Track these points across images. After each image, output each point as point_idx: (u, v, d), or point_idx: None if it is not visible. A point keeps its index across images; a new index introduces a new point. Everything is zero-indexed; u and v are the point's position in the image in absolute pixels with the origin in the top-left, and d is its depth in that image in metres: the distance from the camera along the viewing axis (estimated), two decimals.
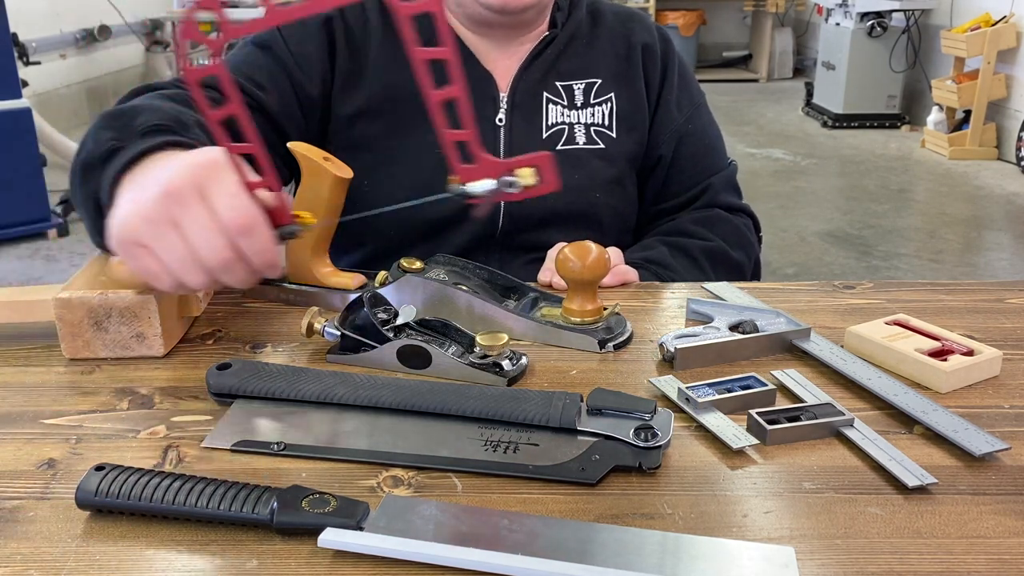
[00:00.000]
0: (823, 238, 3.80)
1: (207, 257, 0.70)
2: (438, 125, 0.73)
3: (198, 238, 0.69)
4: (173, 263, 0.70)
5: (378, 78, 1.08)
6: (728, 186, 1.19)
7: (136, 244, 0.71)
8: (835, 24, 6.11)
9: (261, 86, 1.05)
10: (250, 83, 1.04)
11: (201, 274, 0.71)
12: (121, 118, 0.85)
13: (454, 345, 0.78)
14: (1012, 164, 4.93)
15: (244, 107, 0.71)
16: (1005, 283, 0.97)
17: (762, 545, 0.54)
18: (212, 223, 0.69)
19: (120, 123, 0.84)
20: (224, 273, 0.71)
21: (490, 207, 1.08)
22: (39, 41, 5.30)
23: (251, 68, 1.06)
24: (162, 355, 0.79)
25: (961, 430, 0.66)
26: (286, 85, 1.07)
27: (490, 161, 0.73)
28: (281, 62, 1.07)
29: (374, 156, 1.07)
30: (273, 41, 1.08)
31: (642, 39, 1.16)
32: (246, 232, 0.70)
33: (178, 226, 0.69)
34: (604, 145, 1.12)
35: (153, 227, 0.70)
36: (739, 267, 1.13)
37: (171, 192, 0.69)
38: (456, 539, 0.54)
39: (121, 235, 0.71)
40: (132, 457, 0.64)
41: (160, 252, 0.70)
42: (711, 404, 0.69)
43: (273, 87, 1.06)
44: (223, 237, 0.69)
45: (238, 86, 1.04)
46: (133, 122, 0.83)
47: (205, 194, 0.69)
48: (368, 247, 1.11)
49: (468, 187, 0.73)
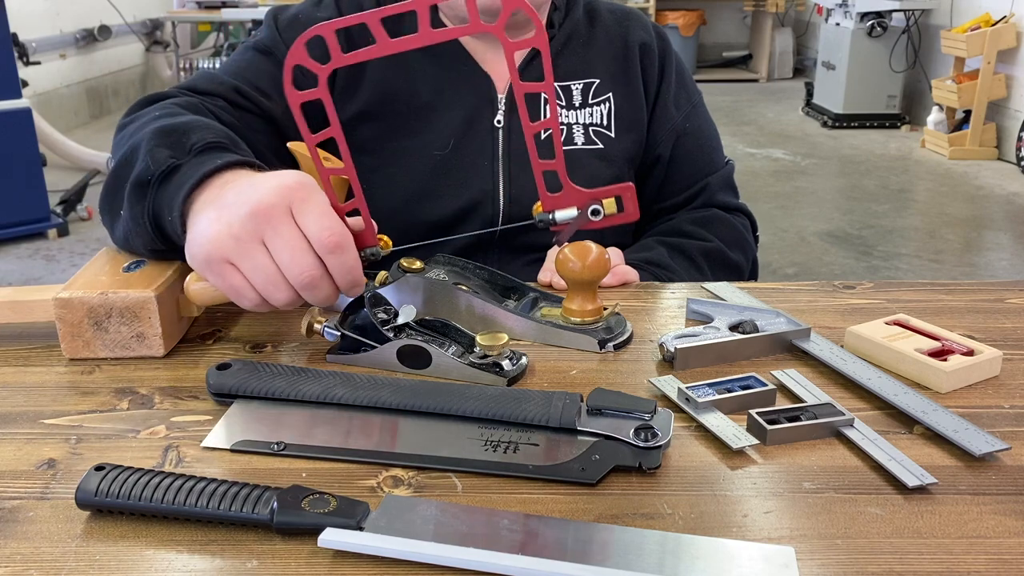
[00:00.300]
0: (823, 238, 3.80)
1: (295, 274, 0.71)
2: (532, 156, 0.76)
3: (287, 255, 0.70)
4: (259, 280, 0.71)
5: (375, 81, 1.08)
6: (725, 185, 1.19)
7: (224, 261, 0.71)
8: (835, 24, 6.11)
9: (265, 93, 1.05)
10: (254, 90, 1.04)
11: (286, 291, 0.72)
12: (173, 135, 0.84)
13: (454, 345, 0.78)
14: (1012, 164, 4.93)
15: (341, 130, 0.75)
16: (1005, 283, 0.97)
17: (762, 545, 0.54)
18: (301, 241, 0.70)
19: (172, 140, 0.83)
20: (309, 290, 0.72)
21: (491, 209, 1.08)
22: (39, 41, 5.30)
23: (255, 75, 1.06)
24: (162, 355, 0.79)
25: (961, 430, 0.66)
26: None
27: (575, 190, 0.78)
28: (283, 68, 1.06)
29: (372, 159, 1.07)
30: (275, 46, 1.07)
31: (639, 38, 1.16)
32: (335, 250, 0.71)
33: (268, 244, 0.70)
34: (603, 145, 1.12)
35: (242, 245, 0.70)
36: (737, 267, 1.13)
37: (261, 211, 0.70)
38: (456, 539, 0.54)
39: (208, 253, 0.72)
40: (132, 457, 0.64)
41: (248, 270, 0.71)
42: (711, 404, 0.69)
43: (277, 94, 1.05)
44: (311, 255, 0.70)
45: (242, 93, 1.03)
46: (187, 139, 0.82)
47: (295, 212, 0.71)
48: None
49: (554, 215, 0.78)
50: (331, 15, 1.07)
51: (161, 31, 6.79)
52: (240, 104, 1.03)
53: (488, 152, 1.08)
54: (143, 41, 6.74)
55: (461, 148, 1.08)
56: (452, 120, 1.08)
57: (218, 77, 1.05)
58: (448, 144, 1.08)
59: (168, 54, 6.71)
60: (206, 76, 1.06)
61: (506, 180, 1.08)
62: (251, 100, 1.03)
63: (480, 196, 1.08)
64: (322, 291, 0.73)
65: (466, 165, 1.08)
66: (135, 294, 0.77)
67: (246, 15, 5.79)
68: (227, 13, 5.90)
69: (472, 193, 1.08)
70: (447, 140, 1.08)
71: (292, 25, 1.08)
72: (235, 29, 6.55)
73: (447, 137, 1.08)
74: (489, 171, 1.08)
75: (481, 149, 1.08)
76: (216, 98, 1.02)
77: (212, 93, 1.02)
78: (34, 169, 3.67)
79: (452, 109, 1.08)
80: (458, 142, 1.08)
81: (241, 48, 1.12)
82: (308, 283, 0.71)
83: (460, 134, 1.08)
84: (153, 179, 0.79)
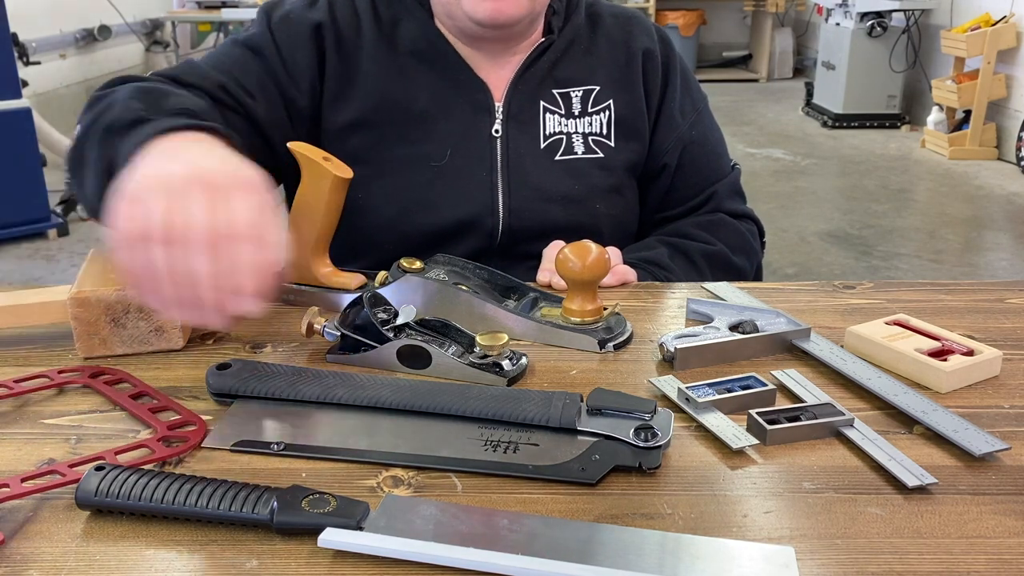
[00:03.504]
0: (823, 238, 3.80)
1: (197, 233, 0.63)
2: None
3: (200, 217, 0.63)
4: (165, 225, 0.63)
5: (369, 89, 1.05)
6: (733, 192, 1.17)
7: (138, 201, 0.65)
8: (835, 24, 6.11)
9: (251, 93, 1.02)
10: (239, 88, 1.01)
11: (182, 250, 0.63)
12: (152, 94, 0.84)
13: (454, 345, 0.78)
14: (1012, 164, 4.93)
15: None
16: (1005, 283, 0.97)
17: (762, 545, 0.54)
18: (223, 212, 0.64)
19: (151, 99, 0.83)
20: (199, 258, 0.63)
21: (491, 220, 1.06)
22: (39, 41, 5.30)
23: (242, 73, 1.02)
24: (181, 348, 0.80)
25: (961, 430, 0.66)
26: (275, 95, 1.04)
27: None
28: (272, 72, 1.04)
29: (368, 168, 1.04)
30: (265, 46, 1.04)
31: (642, 44, 1.13)
32: (248, 239, 0.64)
33: (188, 202, 0.64)
34: (603, 154, 1.10)
35: (166, 194, 0.64)
36: (740, 272, 1.12)
37: (203, 178, 0.65)
38: (456, 539, 0.54)
39: (132, 189, 0.66)
40: (132, 457, 0.64)
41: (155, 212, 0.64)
42: (711, 404, 0.69)
43: (262, 96, 1.03)
44: (226, 229, 0.63)
45: (227, 90, 1.00)
46: (164, 101, 0.83)
47: (231, 195, 0.65)
48: (366, 259, 1.07)
49: None
50: (323, 18, 1.05)
51: (161, 31, 6.78)
52: (223, 101, 1.00)
53: (486, 162, 1.06)
54: (143, 41, 6.73)
55: (458, 158, 1.05)
56: (449, 129, 1.06)
57: (202, 70, 1.02)
58: (445, 154, 1.05)
59: (168, 54, 6.70)
60: (190, 68, 1.02)
61: (505, 191, 1.06)
62: (235, 99, 1.01)
63: (479, 208, 1.05)
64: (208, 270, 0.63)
65: (464, 175, 1.05)
66: None
67: (246, 15, 5.79)
68: (227, 13, 5.90)
69: (470, 204, 1.05)
70: (444, 150, 1.05)
71: (283, 24, 1.05)
72: (235, 29, 6.55)
73: (444, 147, 1.05)
74: (487, 182, 1.06)
75: (479, 159, 1.06)
76: (198, 91, 0.98)
77: (195, 86, 0.99)
78: (34, 169, 3.66)
79: (449, 118, 1.06)
80: (455, 152, 1.05)
81: (229, 42, 1.08)
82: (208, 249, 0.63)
83: (457, 143, 1.06)
84: (119, 125, 0.79)
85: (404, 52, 1.06)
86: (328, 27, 1.06)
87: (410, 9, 1.07)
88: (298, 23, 1.05)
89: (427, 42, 1.06)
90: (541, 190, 1.07)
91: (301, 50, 1.04)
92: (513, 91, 1.07)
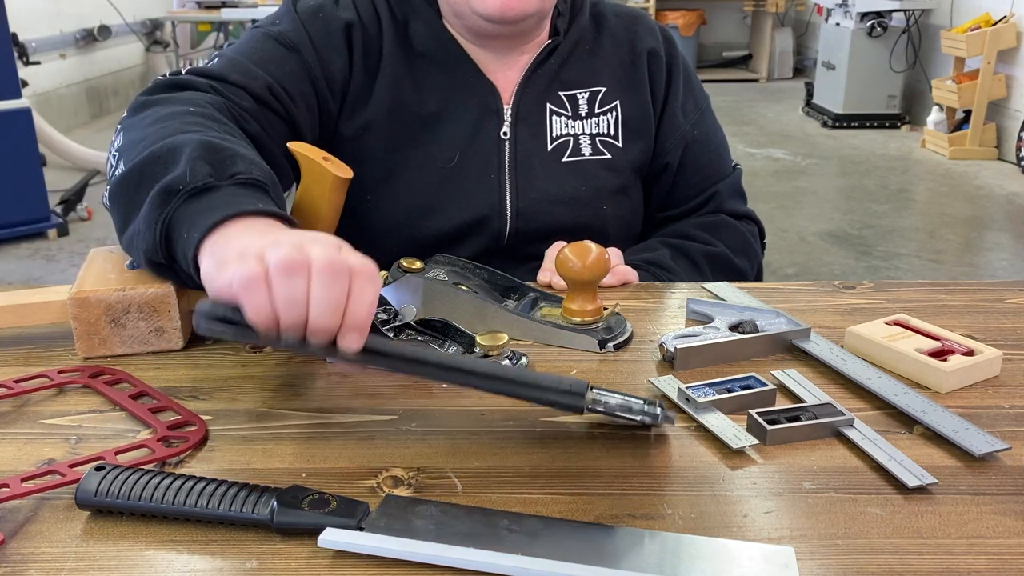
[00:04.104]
0: (823, 238, 3.80)
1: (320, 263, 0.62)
2: None
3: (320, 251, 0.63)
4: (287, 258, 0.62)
5: (385, 92, 1.04)
6: (734, 192, 1.17)
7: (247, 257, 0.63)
8: (835, 24, 6.10)
9: (293, 98, 0.99)
10: (283, 92, 0.99)
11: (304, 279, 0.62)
12: (219, 154, 0.76)
13: (454, 345, 0.78)
14: (1012, 164, 4.93)
15: None
16: (1005, 283, 0.97)
17: (762, 545, 0.54)
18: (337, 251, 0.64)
19: (217, 159, 0.76)
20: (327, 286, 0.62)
21: (498, 222, 1.06)
22: (39, 41, 5.30)
23: (283, 74, 0.99)
24: (181, 348, 0.80)
25: (961, 430, 0.66)
26: (312, 98, 1.02)
27: None
28: (310, 73, 1.01)
29: (377, 170, 1.04)
30: (301, 44, 1.01)
31: (647, 44, 1.13)
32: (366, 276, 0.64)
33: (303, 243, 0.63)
34: (610, 155, 1.09)
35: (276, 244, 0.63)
36: (741, 274, 1.11)
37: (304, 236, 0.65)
38: (456, 539, 0.54)
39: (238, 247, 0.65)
40: (132, 457, 0.64)
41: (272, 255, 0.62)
42: (711, 404, 0.69)
43: (302, 101, 1.00)
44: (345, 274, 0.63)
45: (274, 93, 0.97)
46: (231, 165, 0.76)
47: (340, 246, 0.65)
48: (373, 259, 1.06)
49: None
50: (352, 17, 1.03)
51: (161, 31, 6.78)
52: (270, 105, 0.97)
53: (494, 164, 1.06)
54: (143, 41, 6.74)
55: (467, 160, 1.05)
56: (457, 131, 1.05)
57: (246, 67, 0.98)
58: (454, 156, 1.05)
59: (168, 54, 6.70)
60: (232, 65, 0.98)
61: (513, 193, 1.05)
62: (282, 103, 0.98)
63: (487, 210, 1.05)
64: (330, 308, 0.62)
65: (472, 178, 1.05)
66: (154, 289, 0.77)
67: (246, 15, 5.78)
68: (227, 13, 5.90)
69: (479, 207, 1.05)
70: (452, 152, 1.05)
71: (315, 20, 1.03)
72: (235, 29, 6.55)
73: (452, 149, 1.05)
74: (496, 184, 1.05)
75: (487, 161, 1.06)
76: (244, 94, 0.95)
77: (242, 87, 0.96)
78: (34, 169, 3.66)
79: (457, 120, 1.05)
80: (463, 154, 1.05)
81: (261, 35, 1.03)
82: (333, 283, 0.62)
83: (465, 146, 1.05)
84: (183, 190, 0.73)
85: (417, 54, 1.06)
86: (357, 27, 1.04)
87: (418, 9, 1.06)
88: (331, 20, 1.03)
89: (437, 43, 1.06)
90: (548, 192, 1.07)
91: (335, 52, 1.03)
92: (521, 93, 1.07)
